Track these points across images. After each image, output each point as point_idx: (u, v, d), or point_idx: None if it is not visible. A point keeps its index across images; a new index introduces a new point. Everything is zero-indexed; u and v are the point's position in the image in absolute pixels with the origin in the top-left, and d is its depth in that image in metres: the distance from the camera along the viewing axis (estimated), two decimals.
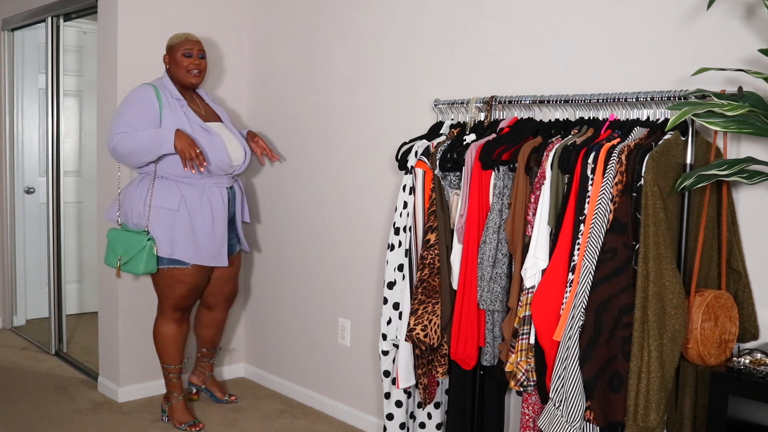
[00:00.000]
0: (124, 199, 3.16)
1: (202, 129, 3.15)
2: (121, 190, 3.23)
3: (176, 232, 3.09)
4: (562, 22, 2.52)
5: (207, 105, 3.35)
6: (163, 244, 3.07)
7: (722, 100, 1.78)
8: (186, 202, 3.10)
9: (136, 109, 3.07)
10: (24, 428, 3.21)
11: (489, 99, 2.60)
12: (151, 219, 3.07)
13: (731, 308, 2.05)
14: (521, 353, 2.23)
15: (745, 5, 2.07)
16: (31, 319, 4.91)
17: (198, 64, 3.20)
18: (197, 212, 3.13)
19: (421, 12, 2.99)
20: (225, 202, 3.23)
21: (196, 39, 3.23)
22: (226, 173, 3.23)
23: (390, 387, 2.67)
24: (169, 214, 3.08)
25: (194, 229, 3.12)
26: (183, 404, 3.31)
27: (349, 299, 3.38)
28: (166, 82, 3.20)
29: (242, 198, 3.42)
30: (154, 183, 3.09)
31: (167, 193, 3.09)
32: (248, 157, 3.33)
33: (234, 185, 3.34)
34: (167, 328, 3.25)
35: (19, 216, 4.77)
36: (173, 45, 3.20)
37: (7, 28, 4.68)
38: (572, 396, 2.04)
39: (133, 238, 3.05)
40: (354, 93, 3.31)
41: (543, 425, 2.12)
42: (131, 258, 3.05)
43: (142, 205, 3.08)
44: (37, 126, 4.78)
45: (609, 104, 2.30)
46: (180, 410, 3.29)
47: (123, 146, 3.00)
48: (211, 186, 3.17)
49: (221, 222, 3.21)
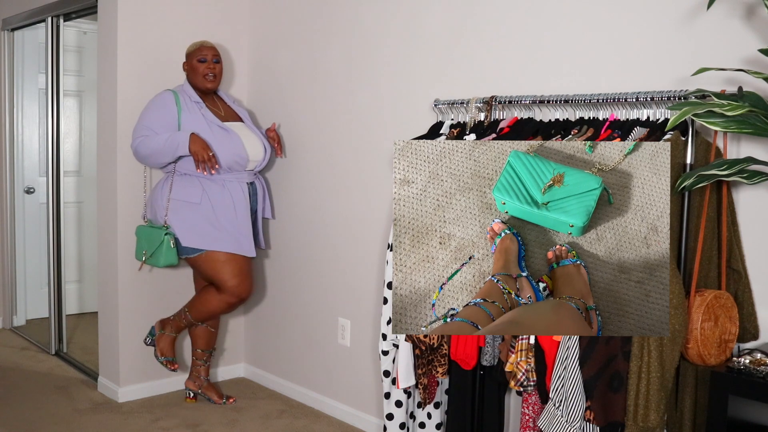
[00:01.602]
0: (151, 196, 3.35)
1: (221, 128, 3.29)
2: (152, 188, 3.42)
3: (200, 223, 3.23)
4: (562, 22, 2.52)
5: (227, 106, 3.49)
6: (187, 234, 3.21)
7: (722, 100, 1.78)
8: (208, 195, 3.25)
9: (156, 113, 3.25)
10: (24, 428, 3.21)
11: (489, 99, 2.60)
12: (172, 212, 3.22)
13: (731, 308, 2.05)
14: (521, 353, 2.23)
15: (745, 5, 2.07)
16: (31, 319, 4.91)
17: (212, 69, 3.35)
18: (219, 204, 3.26)
19: (421, 12, 2.99)
20: (246, 196, 3.36)
21: (210, 45, 3.37)
22: (246, 169, 3.35)
23: (390, 387, 2.67)
24: (192, 207, 3.23)
25: (218, 219, 3.25)
26: (172, 341, 3.40)
27: (349, 299, 3.38)
28: (186, 87, 3.36)
29: (264, 194, 3.53)
30: (174, 178, 3.25)
31: (189, 188, 3.25)
32: (268, 155, 3.44)
33: (255, 181, 3.46)
34: (217, 300, 3.31)
35: (19, 216, 4.77)
36: (190, 53, 3.36)
37: (7, 28, 4.68)
38: (572, 396, 2.04)
39: (155, 233, 3.20)
40: (354, 93, 3.31)
41: (543, 425, 2.12)
42: (154, 252, 3.19)
43: (164, 200, 3.24)
44: (37, 126, 4.78)
45: (609, 104, 2.30)
46: (167, 343, 3.38)
47: (143, 149, 3.19)
48: (231, 181, 3.31)
49: (244, 213, 3.34)
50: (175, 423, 3.31)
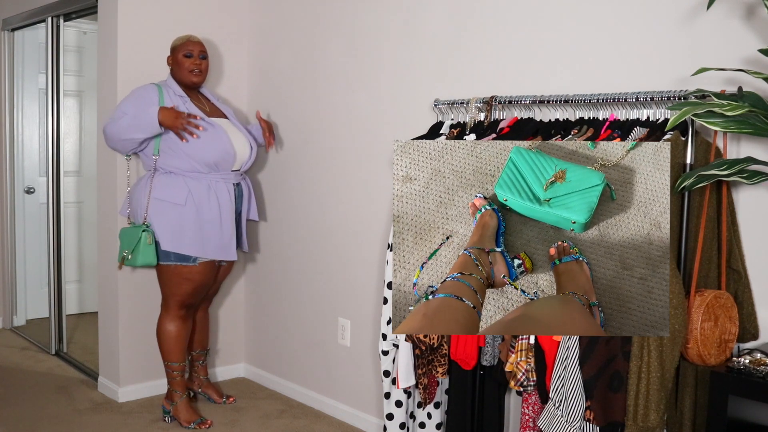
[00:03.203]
0: (131, 196, 3.25)
1: (207, 124, 3.20)
2: (131, 187, 3.31)
3: (184, 227, 3.13)
4: (562, 22, 2.52)
5: (212, 104, 3.41)
6: (170, 238, 3.12)
7: (722, 100, 1.78)
8: (193, 196, 3.15)
9: (135, 101, 3.15)
10: (24, 428, 3.21)
11: (489, 99, 2.60)
12: (155, 212, 3.12)
13: (731, 308, 2.05)
14: (521, 353, 2.23)
15: (745, 5, 2.07)
16: (31, 319, 4.91)
17: (198, 65, 3.26)
18: (204, 207, 3.17)
19: (421, 12, 2.99)
20: (232, 197, 3.27)
21: (197, 40, 3.29)
22: (232, 169, 3.27)
23: (390, 387, 2.67)
24: (176, 209, 3.13)
25: (202, 223, 3.16)
26: (188, 402, 3.32)
27: (349, 299, 3.38)
28: (169, 81, 3.28)
29: (249, 195, 3.45)
30: (156, 177, 3.16)
31: (173, 188, 3.14)
32: (254, 153, 3.37)
33: (241, 182, 3.38)
34: (172, 325, 3.26)
35: (19, 216, 4.77)
36: (175, 46, 3.27)
37: (7, 28, 4.68)
38: (572, 396, 2.04)
39: (134, 232, 3.11)
40: (354, 93, 3.31)
41: (543, 425, 2.13)
42: (132, 251, 3.10)
43: (144, 198, 3.15)
44: (37, 126, 4.78)
45: (609, 104, 2.30)
46: (185, 409, 3.29)
47: (112, 128, 3.11)
48: (218, 180, 3.22)
49: (228, 217, 3.25)
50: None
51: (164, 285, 3.23)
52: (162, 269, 3.19)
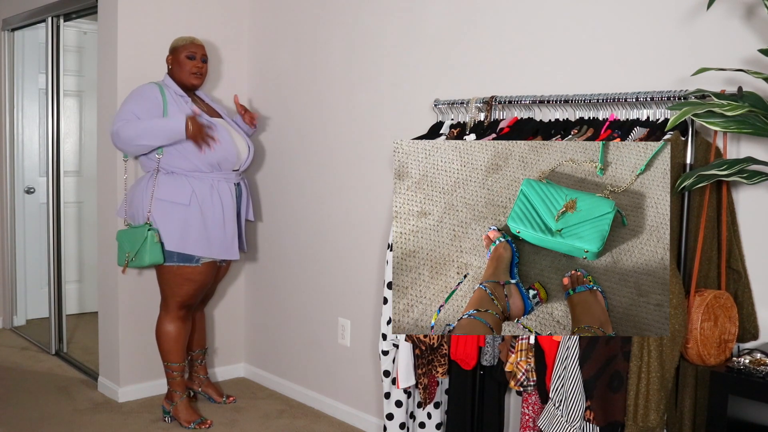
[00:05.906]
0: (130, 197, 3.23)
1: (210, 123, 3.21)
2: (128, 189, 3.29)
3: (189, 227, 3.13)
4: (562, 22, 2.52)
5: (207, 104, 3.42)
6: (175, 238, 3.12)
7: (722, 100, 1.78)
8: (197, 196, 3.15)
9: (140, 101, 3.14)
10: (24, 428, 3.21)
11: (489, 99, 2.60)
12: (158, 212, 3.11)
13: (731, 308, 2.05)
14: (521, 353, 2.23)
15: (745, 5, 2.07)
16: (31, 319, 4.91)
17: (200, 67, 3.28)
18: (208, 206, 3.18)
19: (421, 12, 2.99)
20: (234, 198, 3.29)
21: (200, 43, 3.31)
22: (233, 169, 3.29)
23: (390, 387, 2.67)
24: (181, 209, 3.13)
25: (206, 223, 3.17)
26: (188, 403, 3.33)
27: (349, 299, 3.38)
28: (168, 81, 3.27)
29: (247, 196, 3.46)
30: (159, 177, 3.14)
31: (177, 188, 3.14)
32: (252, 152, 3.38)
33: (240, 182, 3.39)
34: (172, 326, 3.26)
35: (19, 216, 4.77)
36: (177, 47, 3.27)
37: (7, 28, 4.68)
38: (572, 396, 2.04)
39: (137, 233, 3.09)
40: (354, 93, 3.31)
41: (543, 425, 2.13)
42: (137, 252, 3.09)
43: (146, 199, 3.13)
44: (37, 126, 4.78)
45: (609, 104, 2.30)
46: (186, 409, 3.29)
47: (127, 130, 3.04)
48: (220, 180, 3.23)
49: (231, 216, 3.26)
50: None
51: (165, 285, 3.23)
52: (164, 270, 3.19)
